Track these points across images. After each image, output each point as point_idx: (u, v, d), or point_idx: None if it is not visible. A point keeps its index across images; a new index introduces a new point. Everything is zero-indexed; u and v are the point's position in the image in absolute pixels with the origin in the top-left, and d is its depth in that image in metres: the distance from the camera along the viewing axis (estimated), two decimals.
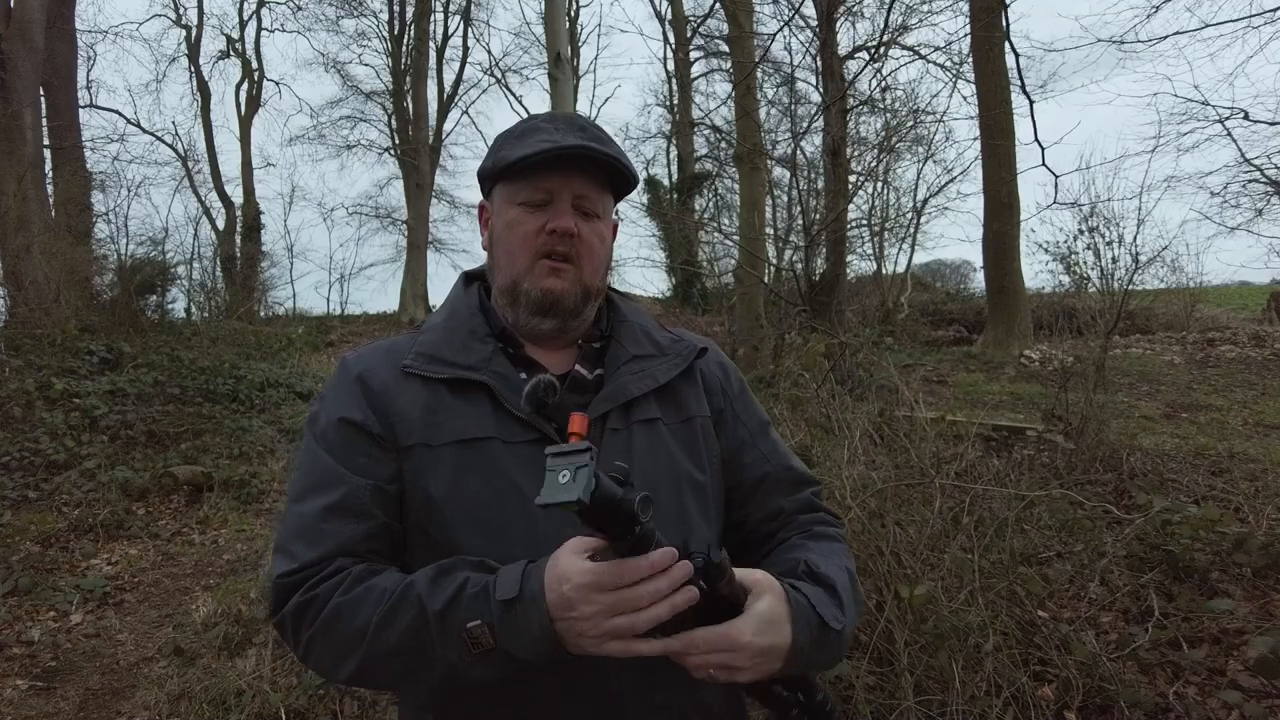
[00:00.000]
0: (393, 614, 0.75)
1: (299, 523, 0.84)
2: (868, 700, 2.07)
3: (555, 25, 4.96)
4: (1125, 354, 10.12)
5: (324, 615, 0.78)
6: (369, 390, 0.89)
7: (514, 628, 0.70)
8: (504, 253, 0.94)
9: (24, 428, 5.64)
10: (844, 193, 10.81)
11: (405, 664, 0.76)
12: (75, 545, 4.50)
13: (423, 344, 0.93)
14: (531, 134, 0.93)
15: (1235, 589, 2.67)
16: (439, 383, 0.89)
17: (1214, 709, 2.11)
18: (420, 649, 0.74)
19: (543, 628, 0.69)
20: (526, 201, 0.92)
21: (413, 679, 0.77)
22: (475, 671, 0.74)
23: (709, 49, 20.95)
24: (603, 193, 0.95)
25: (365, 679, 0.80)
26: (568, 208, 0.91)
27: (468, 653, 0.72)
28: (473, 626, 0.71)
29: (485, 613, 0.71)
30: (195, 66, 20.72)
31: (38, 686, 3.13)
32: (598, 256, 0.95)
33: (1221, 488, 3.66)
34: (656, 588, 0.66)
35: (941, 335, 14.40)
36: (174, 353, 8.26)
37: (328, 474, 0.86)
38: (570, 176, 0.91)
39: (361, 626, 0.76)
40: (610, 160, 0.91)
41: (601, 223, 0.95)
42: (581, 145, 0.89)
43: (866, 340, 5.46)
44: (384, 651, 0.76)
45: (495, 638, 0.71)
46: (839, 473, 2.76)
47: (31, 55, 9.36)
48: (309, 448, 0.90)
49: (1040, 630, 2.28)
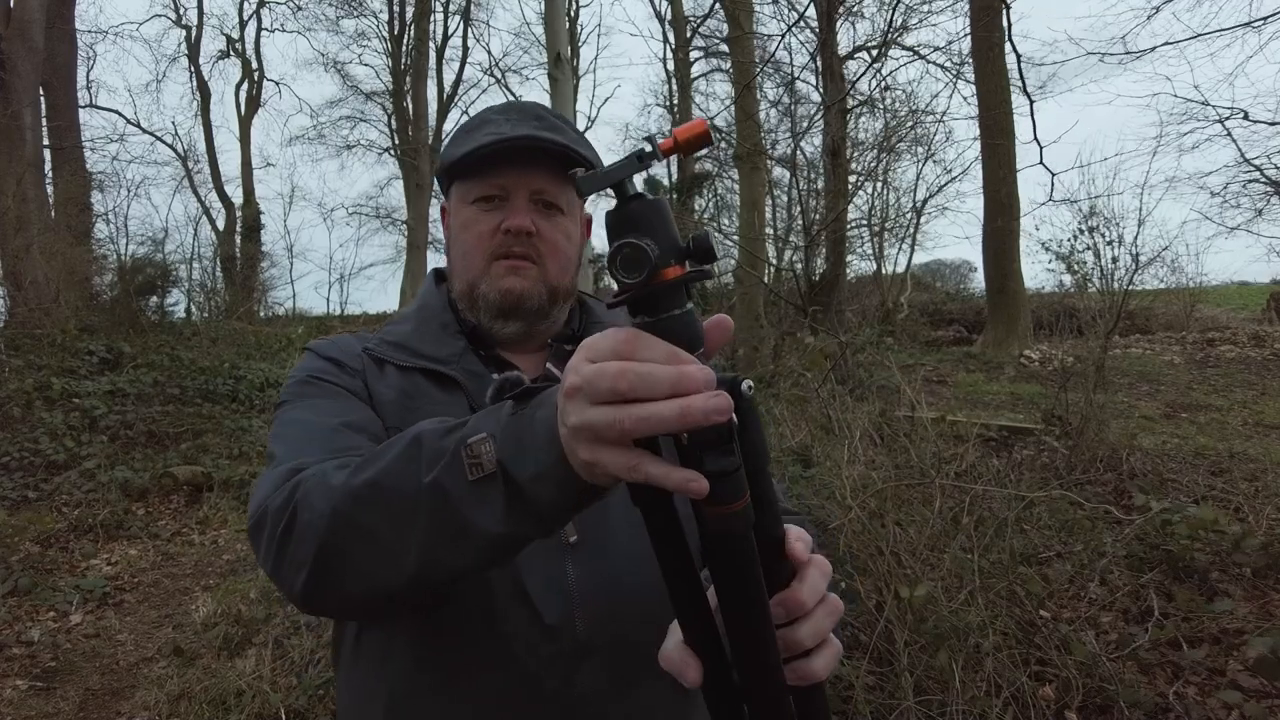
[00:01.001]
0: (381, 452, 0.59)
1: (305, 434, 0.72)
2: (867, 700, 2.07)
3: (555, 25, 4.95)
4: (1125, 354, 10.12)
5: (308, 481, 0.62)
6: (347, 368, 0.83)
7: (517, 433, 0.53)
8: (459, 255, 0.88)
9: (24, 428, 5.64)
10: (844, 193, 10.81)
11: (372, 524, 0.57)
12: (75, 545, 4.49)
13: (390, 333, 0.87)
14: (481, 127, 0.86)
15: (1235, 589, 2.67)
16: (416, 371, 0.82)
17: (1214, 709, 2.11)
18: (401, 487, 0.56)
19: (548, 426, 0.50)
20: (481, 199, 0.86)
21: (377, 561, 0.58)
22: (468, 526, 0.54)
23: (709, 49, 20.95)
24: (565, 185, 0.87)
25: (324, 559, 0.59)
26: (524, 204, 0.85)
27: (461, 479, 0.53)
28: (475, 440, 0.54)
29: (492, 424, 0.54)
30: (195, 66, 20.75)
31: (37, 687, 3.12)
32: (563, 254, 0.87)
33: (1221, 488, 3.66)
34: (682, 373, 0.43)
35: (941, 335, 14.40)
36: (174, 353, 8.25)
37: (330, 400, 0.78)
38: (525, 170, 0.84)
39: (340, 480, 0.59)
40: (563, 150, 0.83)
41: (566, 218, 0.88)
42: (530, 136, 0.82)
43: (867, 340, 5.46)
44: (354, 500, 0.58)
45: (497, 451, 0.53)
46: (839, 473, 2.76)
47: (31, 55, 9.36)
48: (294, 399, 0.79)
49: (1040, 630, 2.28)
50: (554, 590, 0.73)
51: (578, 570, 0.75)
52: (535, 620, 0.72)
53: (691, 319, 0.45)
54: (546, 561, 0.74)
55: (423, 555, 0.56)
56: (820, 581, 0.54)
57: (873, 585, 2.36)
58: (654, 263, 0.42)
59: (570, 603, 0.73)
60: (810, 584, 0.53)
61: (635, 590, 0.74)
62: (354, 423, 0.75)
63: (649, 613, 0.66)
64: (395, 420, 0.78)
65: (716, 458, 0.44)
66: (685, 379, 0.42)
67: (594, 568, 0.75)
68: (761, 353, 8.05)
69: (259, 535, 0.64)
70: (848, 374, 5.06)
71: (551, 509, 0.53)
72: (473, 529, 0.54)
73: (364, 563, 0.59)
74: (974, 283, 20.92)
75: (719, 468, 0.44)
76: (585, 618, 0.73)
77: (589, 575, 0.75)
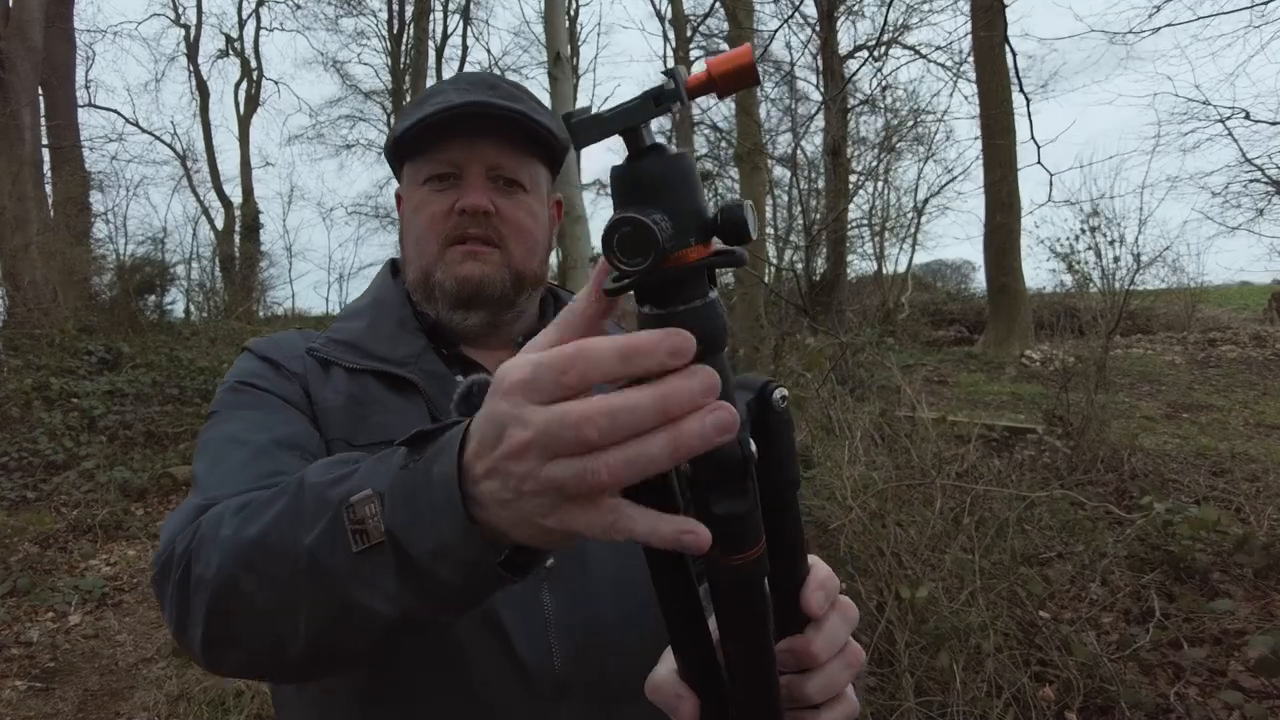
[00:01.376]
0: (273, 498, 0.49)
1: (227, 455, 0.63)
2: (868, 702, 2.06)
3: (555, 24, 4.94)
4: (1126, 354, 10.11)
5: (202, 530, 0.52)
6: (285, 371, 0.73)
7: (409, 493, 0.40)
8: (412, 241, 0.79)
9: (22, 428, 5.63)
10: (844, 192, 10.81)
11: (252, 593, 0.47)
12: (74, 546, 4.49)
13: (339, 331, 0.78)
14: (430, 99, 0.77)
15: (1236, 589, 2.67)
16: (367, 374, 0.73)
17: (1215, 710, 2.10)
18: (283, 550, 0.45)
19: (447, 486, 0.38)
20: (432, 178, 0.77)
21: (265, 635, 0.48)
22: (354, 607, 0.43)
23: (709, 48, 20.92)
24: (527, 160, 0.79)
25: (212, 623, 0.49)
26: (479, 181, 0.76)
27: (343, 549, 0.42)
28: (359, 500, 0.42)
29: (382, 476, 0.43)
30: (194, 65, 20.71)
31: (36, 687, 3.12)
32: (528, 236, 0.78)
33: (1223, 488, 3.66)
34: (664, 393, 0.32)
35: (942, 335, 14.39)
36: (173, 353, 8.25)
37: (261, 411, 0.68)
38: (477, 143, 0.76)
39: (230, 532, 0.49)
40: (521, 119, 0.74)
41: (530, 196, 0.79)
42: (479, 102, 0.73)
43: (867, 340, 5.45)
44: (234, 560, 0.48)
45: (385, 517, 0.41)
46: (840, 473, 2.76)
47: (30, 54, 9.35)
48: (222, 409, 0.70)
49: (1041, 631, 2.27)
50: (529, 622, 0.64)
51: (556, 599, 0.66)
52: (507, 655, 0.63)
53: (714, 312, 0.34)
54: (519, 589, 0.61)
55: (311, 634, 0.45)
56: (841, 630, 0.47)
57: (873, 586, 2.36)
58: (662, 245, 0.32)
59: (547, 636, 0.65)
60: (828, 633, 0.46)
61: (622, 622, 0.67)
62: (286, 439, 0.65)
63: (636, 648, 0.58)
64: (341, 432, 0.69)
65: (723, 499, 0.35)
66: (670, 397, 0.31)
67: (574, 596, 0.67)
68: (762, 353, 8.04)
69: (164, 582, 0.53)
70: (848, 374, 5.05)
71: (460, 592, 0.41)
72: (361, 610, 0.43)
73: (252, 636, 0.48)
74: (975, 283, 20.92)
75: (726, 511, 0.36)
76: (564, 653, 0.65)
77: (568, 605, 0.66)
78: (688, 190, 0.34)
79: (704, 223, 0.34)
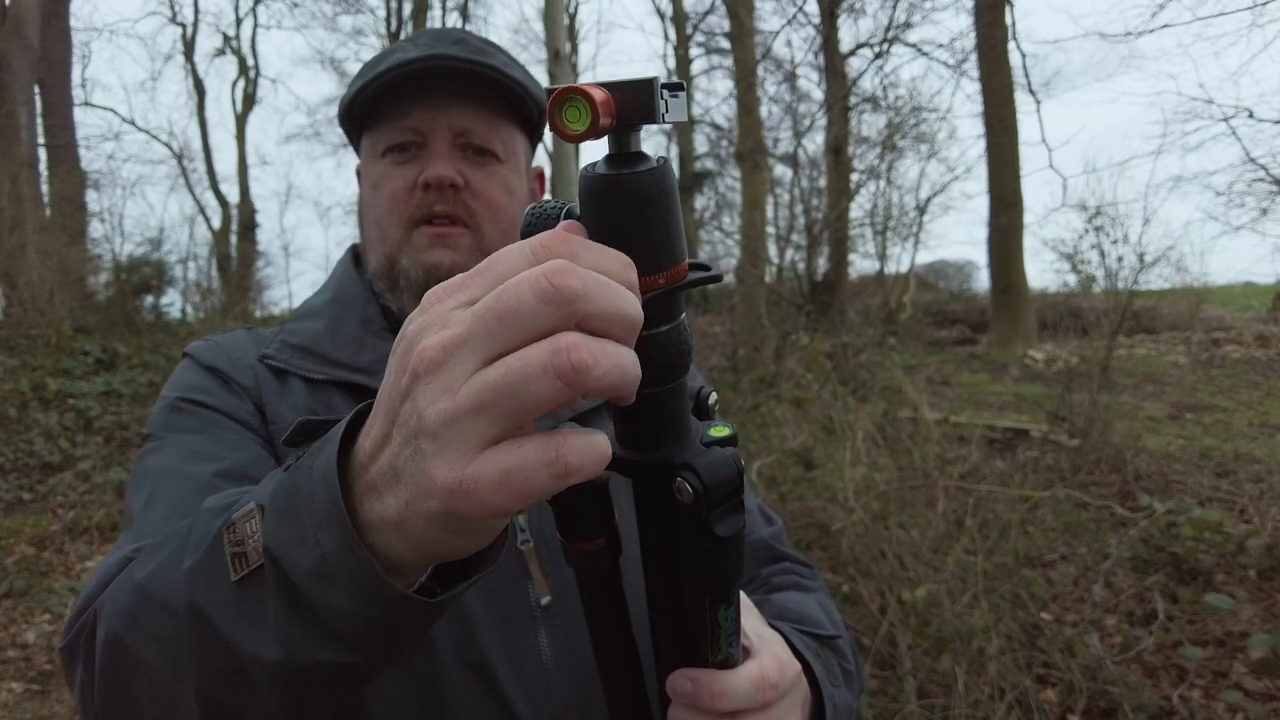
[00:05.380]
0: (157, 548, 0.42)
1: (162, 493, 0.54)
2: (870, 704, 2.05)
3: (554, 22, 4.92)
4: (1130, 354, 10.09)
5: None
6: (234, 385, 0.63)
7: (290, 497, 0.33)
8: (372, 223, 0.69)
9: (18, 429, 5.62)
10: (846, 191, 10.79)
11: (140, 650, 0.39)
12: (70, 547, 4.47)
13: (294, 332, 0.67)
14: (385, 57, 0.67)
15: (1240, 591, 2.65)
16: (330, 385, 0.63)
17: (1218, 711, 2.09)
18: (165, 593, 0.38)
19: (327, 478, 0.31)
20: (392, 148, 0.67)
21: (158, 704, 0.39)
22: (235, 653, 0.34)
23: (710, 46, 20.92)
24: (501, 124, 0.68)
25: (107, 691, 0.41)
26: (445, 149, 0.66)
27: (220, 580, 0.35)
28: (240, 516, 0.35)
29: (264, 486, 0.36)
30: (191, 64, 20.65)
31: (33, 690, 3.10)
32: (503, 213, 0.68)
33: (1226, 489, 3.64)
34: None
35: (945, 335, 14.37)
36: (169, 353, 8.22)
37: (204, 436, 0.59)
38: (443, 105, 0.65)
39: (121, 585, 0.42)
40: (494, 77, 0.64)
41: (505, 166, 0.69)
42: (442, 55, 0.63)
43: (869, 341, 5.43)
44: (122, 614, 0.40)
45: (264, 532, 0.33)
46: (842, 474, 2.74)
47: (26, 53, 9.34)
48: (159, 434, 0.60)
49: (1044, 633, 2.26)
50: (523, 668, 0.57)
51: (555, 643, 0.58)
52: (500, 707, 0.55)
53: (678, 335, 0.33)
54: (513, 631, 0.57)
55: (202, 697, 0.36)
56: (758, 694, 0.43)
57: (875, 588, 2.34)
58: None
59: (546, 685, 0.57)
60: (738, 684, 0.42)
61: None
62: (235, 469, 0.55)
63: None
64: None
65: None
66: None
67: (576, 639, 0.58)
68: (763, 353, 8.02)
69: (73, 658, 0.44)
70: (850, 375, 5.03)
71: (365, 625, 0.32)
72: (242, 658, 0.34)
73: (146, 706, 0.39)
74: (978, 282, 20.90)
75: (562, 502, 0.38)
76: (564, 702, 0.57)
77: (569, 649, 0.58)
78: (661, 215, 0.31)
79: (680, 245, 0.32)
